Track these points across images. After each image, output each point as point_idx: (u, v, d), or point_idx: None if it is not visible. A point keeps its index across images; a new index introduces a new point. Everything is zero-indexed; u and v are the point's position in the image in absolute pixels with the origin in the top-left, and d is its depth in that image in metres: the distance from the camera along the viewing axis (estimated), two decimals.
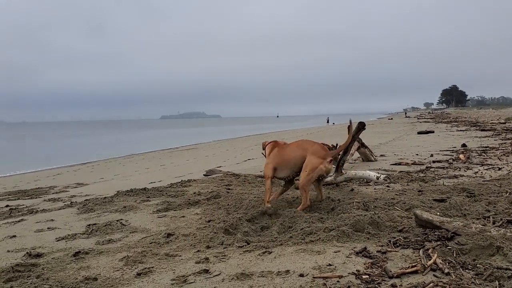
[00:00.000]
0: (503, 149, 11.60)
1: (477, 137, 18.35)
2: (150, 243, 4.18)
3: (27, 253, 4.09)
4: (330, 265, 3.15)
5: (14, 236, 4.88)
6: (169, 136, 62.87)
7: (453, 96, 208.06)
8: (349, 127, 5.51)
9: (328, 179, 6.73)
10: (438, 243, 3.33)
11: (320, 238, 3.80)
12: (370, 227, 3.91)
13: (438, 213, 4.52)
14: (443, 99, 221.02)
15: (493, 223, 4.10)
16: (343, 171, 6.51)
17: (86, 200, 7.19)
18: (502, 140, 15.44)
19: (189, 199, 6.07)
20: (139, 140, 53.95)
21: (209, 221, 4.83)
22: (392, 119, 71.02)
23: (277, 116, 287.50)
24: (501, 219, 4.15)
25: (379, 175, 5.59)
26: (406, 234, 3.75)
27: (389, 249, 3.38)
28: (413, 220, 4.05)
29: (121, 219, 5.25)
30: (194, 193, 6.63)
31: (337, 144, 8.85)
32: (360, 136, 12.25)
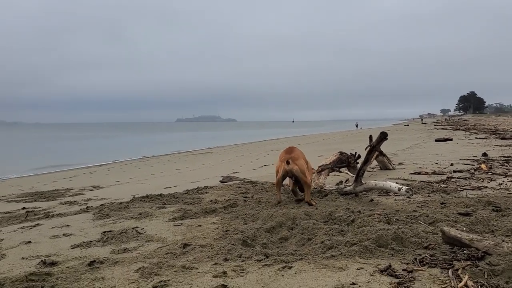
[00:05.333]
0: None
1: (497, 145, 17.98)
2: (166, 254, 4.08)
3: (41, 261, 4.02)
4: (353, 284, 3.01)
5: (29, 242, 4.82)
6: (184, 139, 63.18)
7: (471, 102, 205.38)
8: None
9: (347, 188, 6.58)
10: (468, 263, 3.16)
11: (342, 253, 3.65)
12: (394, 243, 3.75)
13: (464, 229, 4.35)
14: (461, 105, 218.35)
15: None
16: (362, 181, 6.34)
17: (102, 205, 7.13)
18: None
19: (205, 207, 5.97)
20: (154, 142, 54.29)
21: (226, 231, 4.72)
22: (408, 125, 70.28)
23: (293, 121, 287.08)
24: None
25: (400, 186, 5.42)
26: (432, 251, 3.59)
27: (415, 268, 3.22)
28: (439, 236, 3.89)
29: (137, 227, 5.16)
30: (211, 200, 6.53)
31: (355, 153, 8.71)
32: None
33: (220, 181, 9.18)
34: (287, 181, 6.47)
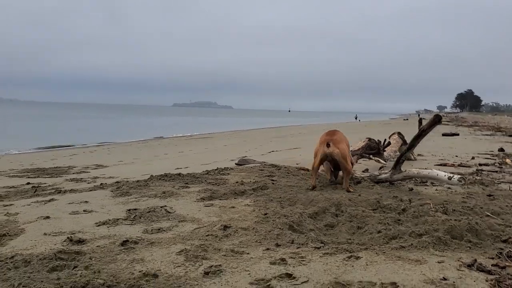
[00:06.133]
0: None
1: (508, 142, 17.66)
2: (207, 236, 3.66)
3: (68, 238, 3.58)
4: (444, 279, 2.60)
5: (48, 217, 4.38)
6: (182, 123, 62.63)
7: (468, 100, 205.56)
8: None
9: (383, 176, 6.18)
10: None
11: (412, 244, 3.24)
12: (469, 235, 3.36)
13: None
14: (457, 103, 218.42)
15: None
16: (401, 169, 5.94)
17: (117, 182, 6.70)
18: None
19: (233, 189, 5.53)
20: (153, 125, 53.62)
21: (265, 214, 4.29)
22: (407, 119, 69.93)
23: (289, 111, 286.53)
24: None
25: (451, 175, 5.02)
26: None
27: (507, 264, 2.82)
28: None
29: (165, 206, 4.73)
30: (236, 182, 6.09)
31: (385, 140, 8.31)
32: (386, 135, 11.68)
33: (236, 164, 8.75)
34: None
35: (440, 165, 8.98)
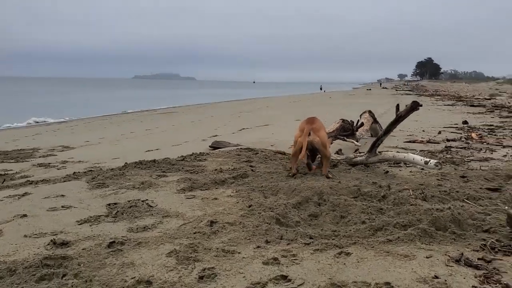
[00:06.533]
0: (511, 129, 11.39)
1: (470, 113, 18.21)
2: (194, 233, 3.63)
3: (51, 240, 3.48)
4: (436, 277, 2.69)
5: (25, 215, 4.24)
6: (144, 97, 61.36)
7: (427, 68, 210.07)
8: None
9: (358, 159, 6.28)
10: None
11: (398, 237, 3.32)
12: (452, 226, 3.46)
13: (506, 206, 4.13)
14: (418, 71, 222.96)
15: None
16: (377, 152, 6.04)
17: (90, 171, 6.53)
18: (500, 118, 15.30)
19: (213, 178, 5.48)
20: (114, 99, 52.23)
21: (250, 206, 4.30)
22: (370, 90, 70.93)
23: (254, 82, 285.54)
24: None
25: (428, 159, 5.14)
26: (495, 235, 3.33)
27: (493, 257, 2.94)
28: (494, 217, 3.65)
29: (146, 200, 4.65)
30: (215, 169, 6.04)
31: (358, 121, 8.41)
32: (352, 108, 11.83)
33: (210, 146, 8.68)
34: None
35: (410, 141, 9.21)
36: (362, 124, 8.28)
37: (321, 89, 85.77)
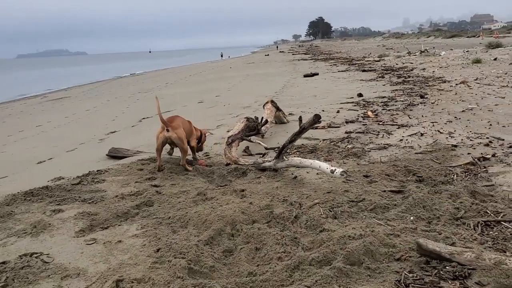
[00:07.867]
0: (402, 101, 12.01)
1: (363, 80, 19.00)
2: None
3: None
4: None
5: None
6: (31, 79, 56.72)
7: (320, 28, 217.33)
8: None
9: (266, 164, 6.18)
10: (457, 283, 3.00)
11: (316, 281, 3.24)
12: (366, 259, 3.46)
13: (411, 217, 4.27)
14: (311, 31, 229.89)
15: (474, 228, 3.95)
16: (285, 158, 5.98)
17: None
18: (391, 85, 16.12)
19: (114, 209, 5.00)
20: None
21: (158, 250, 4.00)
22: (268, 55, 71.74)
23: (150, 52, 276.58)
24: (479, 224, 4.02)
25: (333, 168, 5.14)
26: (407, 264, 3.36)
27: None
28: (403, 240, 3.72)
29: (41, 253, 4.11)
30: (116, 196, 5.55)
31: (262, 118, 8.30)
32: (256, 85, 11.75)
33: (107, 155, 8.07)
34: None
35: (312, 128, 9.29)
36: (267, 121, 8.20)
37: (221, 56, 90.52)
